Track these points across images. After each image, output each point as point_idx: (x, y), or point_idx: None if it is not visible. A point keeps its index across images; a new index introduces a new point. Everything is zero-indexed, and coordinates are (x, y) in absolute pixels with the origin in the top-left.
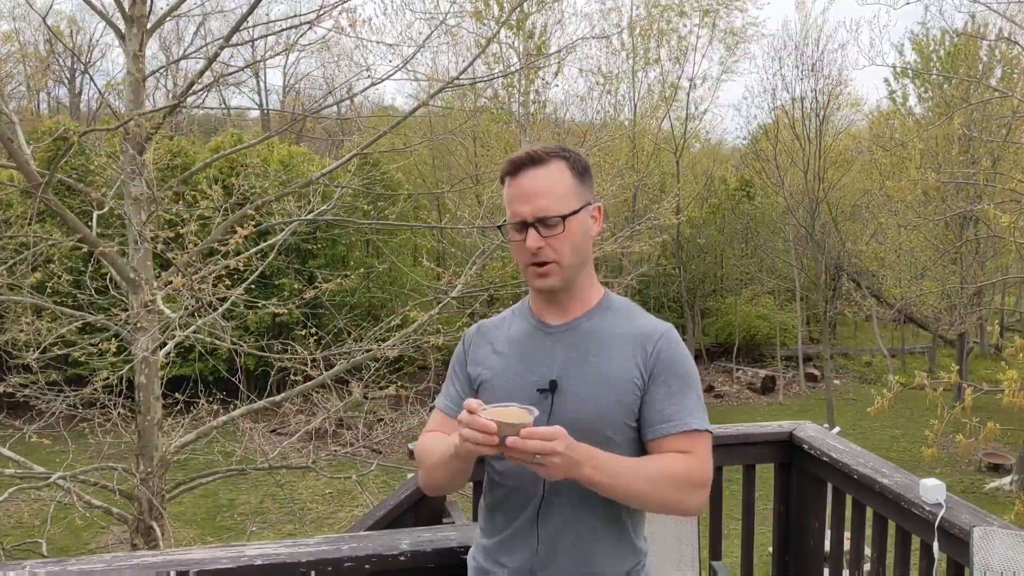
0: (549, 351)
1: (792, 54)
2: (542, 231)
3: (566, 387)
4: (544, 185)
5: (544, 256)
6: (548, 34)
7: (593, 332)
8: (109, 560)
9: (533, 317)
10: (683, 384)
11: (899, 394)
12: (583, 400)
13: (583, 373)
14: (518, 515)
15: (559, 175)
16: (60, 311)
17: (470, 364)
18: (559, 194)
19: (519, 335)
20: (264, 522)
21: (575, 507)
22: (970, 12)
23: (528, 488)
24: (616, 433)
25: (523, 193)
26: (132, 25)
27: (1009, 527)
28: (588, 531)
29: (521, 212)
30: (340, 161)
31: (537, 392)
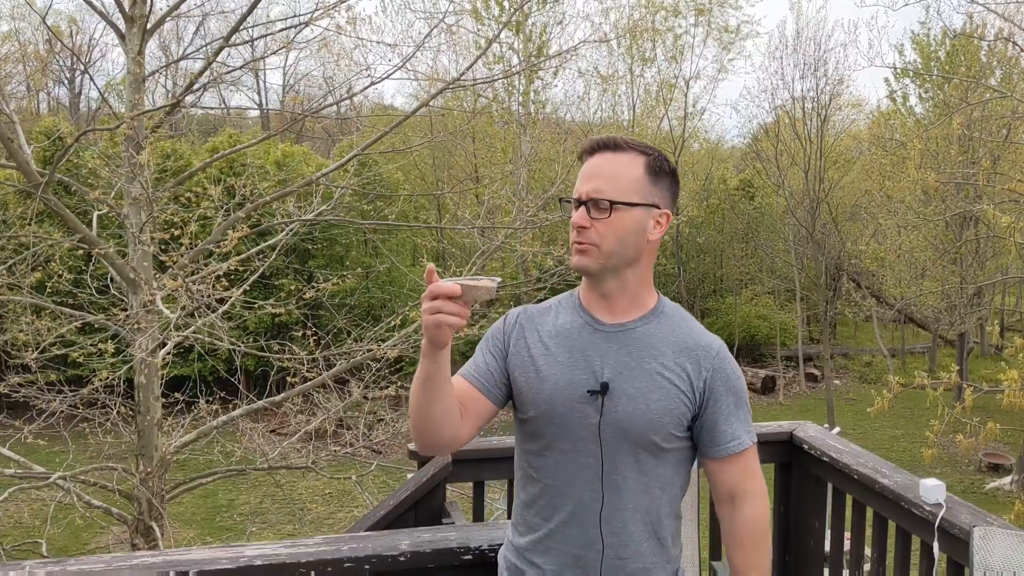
0: (600, 351)
1: (793, 53)
2: (592, 212)
3: (616, 390)
4: (609, 170)
5: (586, 237)
6: (548, 34)
7: (647, 337)
8: (109, 560)
9: (584, 312)
10: (739, 400)
11: (899, 394)
12: (635, 404)
13: (635, 378)
14: (553, 515)
15: (629, 166)
16: (60, 311)
17: (512, 344)
18: (620, 182)
19: (567, 328)
20: (264, 522)
21: (629, 513)
22: (967, 13)
23: (563, 487)
24: (664, 440)
25: (587, 172)
26: (132, 25)
27: (1009, 527)
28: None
29: (580, 189)
30: (340, 162)
31: (587, 393)
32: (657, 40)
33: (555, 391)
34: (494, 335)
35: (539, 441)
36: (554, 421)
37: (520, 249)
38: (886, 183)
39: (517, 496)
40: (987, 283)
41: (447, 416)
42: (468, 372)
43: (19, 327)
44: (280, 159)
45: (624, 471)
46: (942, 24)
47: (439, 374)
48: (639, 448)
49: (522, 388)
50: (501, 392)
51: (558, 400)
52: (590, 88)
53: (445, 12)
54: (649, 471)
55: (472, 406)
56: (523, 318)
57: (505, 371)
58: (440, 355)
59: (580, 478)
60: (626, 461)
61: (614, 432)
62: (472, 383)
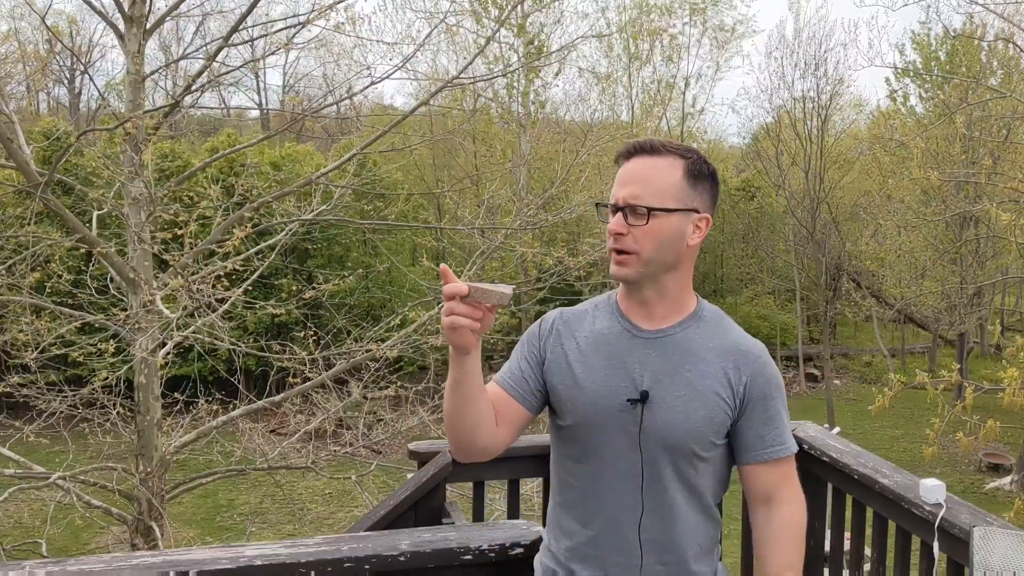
0: (640, 359)
1: (792, 53)
2: (629, 219)
3: (656, 398)
4: (646, 174)
5: (624, 244)
6: (548, 34)
7: (686, 344)
8: (109, 560)
9: (623, 318)
10: (779, 406)
11: (899, 394)
12: (675, 413)
13: (675, 386)
14: (591, 521)
15: (668, 171)
16: (59, 311)
17: (548, 350)
18: (658, 188)
19: (605, 334)
20: (263, 522)
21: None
22: (967, 13)
23: (603, 494)
24: (703, 449)
25: (624, 177)
26: (131, 25)
27: (1009, 527)
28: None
29: (616, 195)
30: (339, 161)
31: (626, 401)
32: (653, 40)
33: (594, 399)
34: (530, 340)
35: (577, 448)
36: (592, 429)
37: (520, 249)
38: (887, 183)
39: (553, 499)
40: (987, 283)
41: (481, 423)
42: (503, 379)
43: (19, 327)
44: (277, 160)
45: (665, 479)
46: (942, 25)
47: (467, 380)
48: (679, 456)
49: (560, 396)
50: (536, 399)
51: (597, 409)
52: (590, 88)
53: (446, 12)
54: (690, 479)
55: (507, 413)
56: (559, 323)
57: (541, 378)
58: (466, 361)
59: (620, 486)
60: (666, 470)
61: (654, 441)
62: (507, 390)
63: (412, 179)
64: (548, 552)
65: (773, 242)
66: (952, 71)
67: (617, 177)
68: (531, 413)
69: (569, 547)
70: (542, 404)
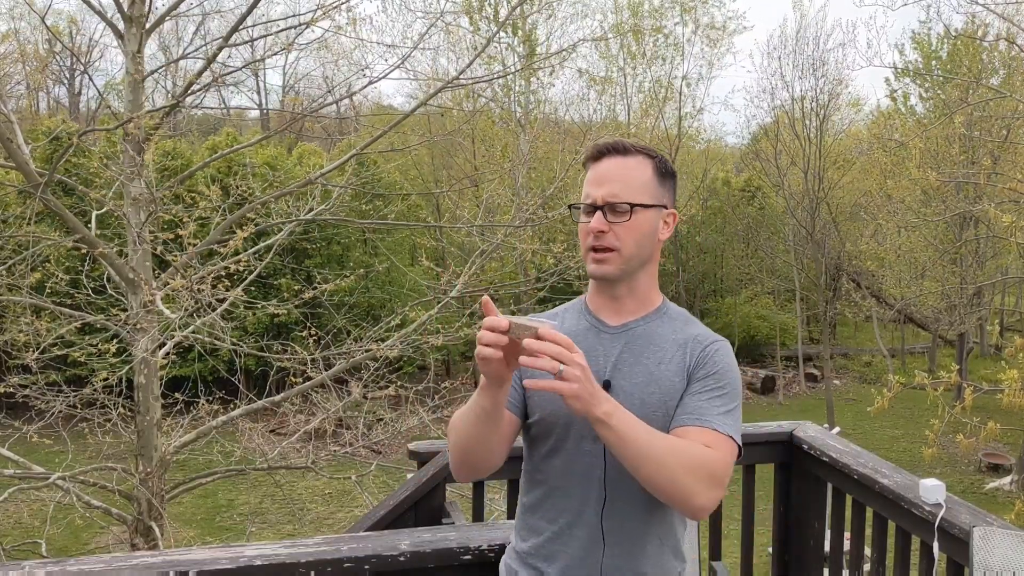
0: (604, 351)
1: (791, 53)
2: (609, 216)
3: (616, 387)
4: (621, 173)
5: (606, 241)
6: (549, 32)
7: (649, 335)
8: (108, 560)
9: (590, 315)
10: (721, 389)
11: (899, 394)
12: (631, 400)
13: (634, 373)
14: (558, 517)
15: (640, 169)
16: (59, 311)
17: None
18: (633, 185)
19: (574, 332)
20: (263, 522)
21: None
22: (967, 13)
23: (568, 488)
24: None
25: (599, 177)
26: (131, 25)
27: (1009, 527)
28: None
29: (593, 195)
30: (339, 161)
31: None
32: (646, 41)
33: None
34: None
35: (545, 444)
36: (557, 422)
37: (520, 247)
38: (887, 182)
39: (520, 500)
40: (987, 283)
41: (495, 449)
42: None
43: (19, 327)
44: (271, 160)
45: (624, 468)
46: (943, 25)
47: (496, 410)
48: None
49: (528, 393)
50: (522, 404)
51: (559, 401)
52: (588, 89)
53: (442, 11)
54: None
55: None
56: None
57: (520, 385)
58: (498, 392)
59: (584, 478)
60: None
61: None
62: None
63: (411, 179)
64: (512, 553)
65: (773, 242)
66: (953, 71)
67: (589, 178)
68: (520, 419)
69: (535, 545)
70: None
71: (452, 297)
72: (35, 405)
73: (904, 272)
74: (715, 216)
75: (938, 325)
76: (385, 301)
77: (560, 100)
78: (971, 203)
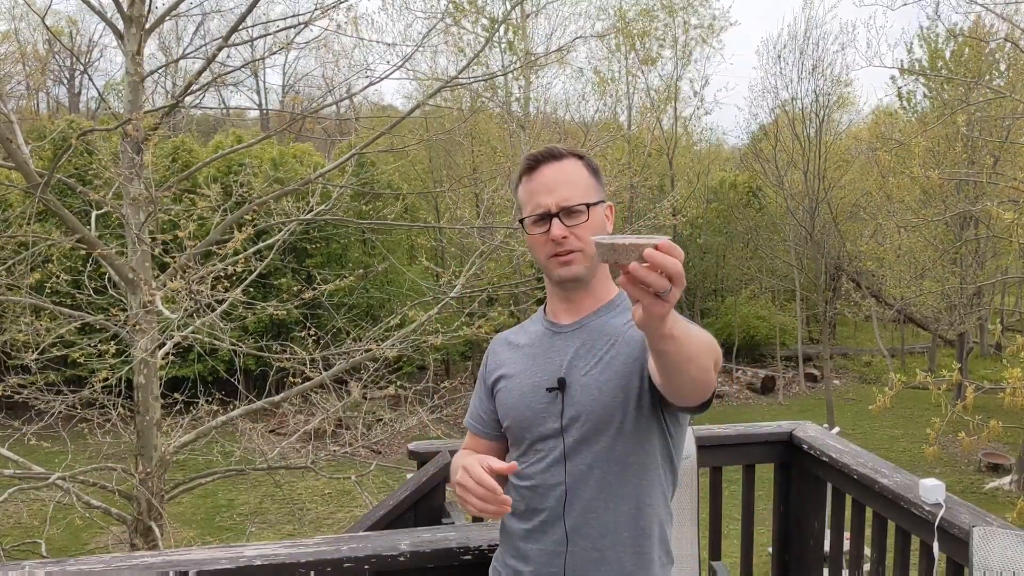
0: (559, 350)
1: (791, 54)
2: (565, 220)
3: (572, 382)
4: (565, 177)
5: (569, 245)
6: (550, 34)
7: (602, 328)
8: (108, 560)
9: (546, 320)
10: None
11: (899, 394)
12: (589, 392)
13: (588, 366)
14: (533, 517)
15: (577, 170)
16: (59, 311)
17: (488, 375)
18: (580, 186)
19: (532, 339)
20: (263, 522)
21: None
22: (967, 13)
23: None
24: (626, 421)
25: (545, 185)
26: (130, 25)
27: (1009, 527)
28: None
29: (544, 203)
30: (339, 161)
31: (546, 391)
32: (636, 45)
33: (520, 397)
34: (480, 376)
35: (519, 448)
36: (523, 425)
37: (520, 248)
38: (887, 182)
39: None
40: (986, 283)
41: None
42: (468, 422)
43: (18, 327)
44: (276, 159)
45: (588, 461)
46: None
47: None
48: (601, 434)
49: (498, 404)
50: (497, 424)
51: (523, 404)
52: (586, 90)
53: (443, 12)
54: (615, 458)
55: (486, 451)
56: (496, 345)
57: (492, 401)
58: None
59: (552, 476)
60: (590, 450)
61: (576, 424)
62: (475, 433)
63: (411, 179)
64: (497, 553)
65: (773, 242)
66: (956, 71)
67: (532, 190)
68: (500, 438)
69: (512, 546)
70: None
71: (452, 297)
72: (35, 405)
73: (904, 272)
74: (715, 217)
75: (938, 325)
76: (384, 301)
77: (561, 100)
78: (971, 203)
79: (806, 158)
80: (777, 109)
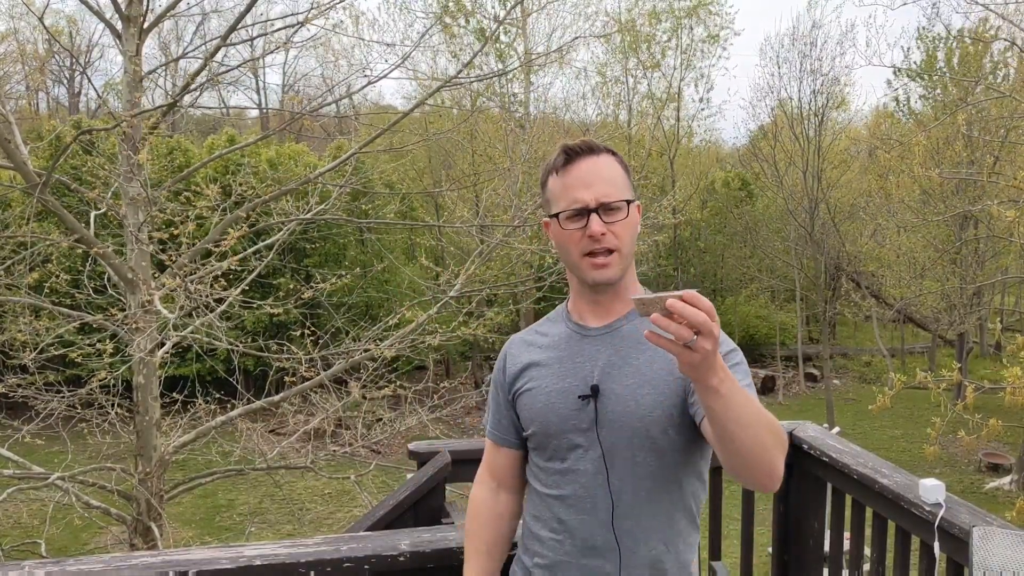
0: (590, 355)
1: (789, 54)
2: (604, 217)
3: (607, 391)
4: (602, 173)
5: (607, 243)
6: (551, 32)
7: (634, 333)
8: (108, 560)
9: (571, 321)
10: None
11: (899, 394)
12: (624, 403)
13: (624, 375)
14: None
15: (613, 166)
16: (58, 311)
17: (508, 380)
18: (617, 182)
19: (557, 341)
20: (263, 522)
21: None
22: (966, 13)
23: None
24: (662, 435)
25: (582, 180)
26: (129, 25)
27: (1009, 527)
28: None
29: (582, 198)
30: (338, 161)
31: (579, 399)
32: (644, 44)
33: (548, 403)
34: (496, 380)
35: (543, 454)
36: (552, 433)
37: (519, 247)
38: (886, 181)
39: (527, 511)
40: (986, 283)
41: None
42: (490, 432)
43: (17, 327)
44: (273, 159)
45: (623, 473)
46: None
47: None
48: (638, 447)
49: (521, 408)
50: (518, 430)
51: (552, 411)
52: (586, 91)
53: (441, 11)
54: (652, 473)
55: (510, 465)
56: (512, 347)
57: (514, 408)
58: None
59: (584, 486)
60: (625, 463)
61: (610, 434)
62: (498, 444)
63: (411, 179)
64: (520, 564)
65: (772, 242)
66: (958, 71)
67: (568, 183)
68: (520, 448)
69: (541, 558)
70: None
71: (451, 297)
72: (33, 405)
73: (904, 272)
74: (715, 216)
75: (938, 325)
76: (383, 301)
77: (562, 100)
78: (971, 203)
79: (805, 158)
80: (777, 109)
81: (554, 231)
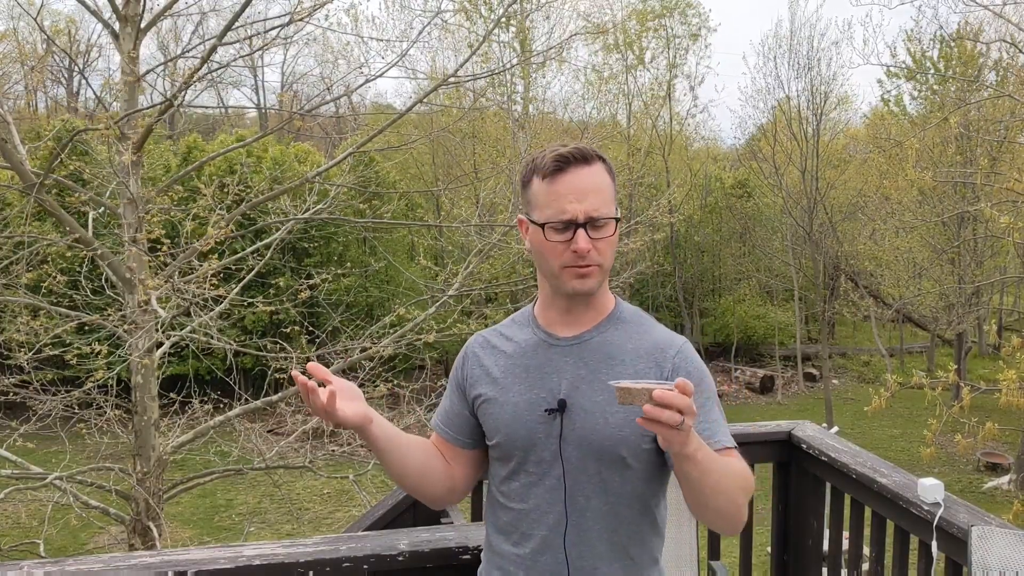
0: (557, 367)
1: (787, 53)
2: (591, 232)
3: (574, 406)
4: (595, 185)
5: (591, 259)
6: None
7: (604, 346)
8: (107, 560)
9: (539, 329)
10: (706, 400)
11: (897, 394)
12: (593, 419)
13: (593, 391)
14: (524, 542)
15: (604, 177)
16: (55, 311)
17: (467, 381)
18: (607, 196)
19: (523, 349)
20: (262, 522)
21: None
22: (962, 12)
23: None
24: (631, 455)
25: (574, 190)
26: (126, 24)
27: (1007, 526)
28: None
29: (571, 210)
30: (337, 160)
31: (545, 412)
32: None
33: (514, 414)
34: (453, 376)
35: (507, 466)
36: (517, 445)
37: (517, 247)
38: (883, 183)
39: (488, 521)
40: (984, 283)
41: (425, 475)
42: (437, 424)
43: (15, 327)
44: (278, 157)
45: (587, 491)
46: (938, 25)
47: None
48: (603, 465)
49: (484, 416)
50: (473, 436)
51: (518, 423)
52: (585, 90)
53: (439, 10)
54: (615, 489)
55: (453, 456)
56: (475, 347)
57: (471, 411)
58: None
59: (547, 501)
60: (589, 480)
61: (575, 450)
62: (443, 436)
63: (411, 177)
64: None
65: (770, 241)
66: (955, 69)
67: (558, 192)
68: (477, 450)
69: (499, 567)
70: (481, 436)
71: (450, 296)
72: (32, 406)
73: (902, 272)
74: (711, 215)
75: (936, 325)
76: (383, 300)
77: (560, 100)
78: (968, 203)
79: (803, 158)
80: (775, 108)
81: (534, 236)
